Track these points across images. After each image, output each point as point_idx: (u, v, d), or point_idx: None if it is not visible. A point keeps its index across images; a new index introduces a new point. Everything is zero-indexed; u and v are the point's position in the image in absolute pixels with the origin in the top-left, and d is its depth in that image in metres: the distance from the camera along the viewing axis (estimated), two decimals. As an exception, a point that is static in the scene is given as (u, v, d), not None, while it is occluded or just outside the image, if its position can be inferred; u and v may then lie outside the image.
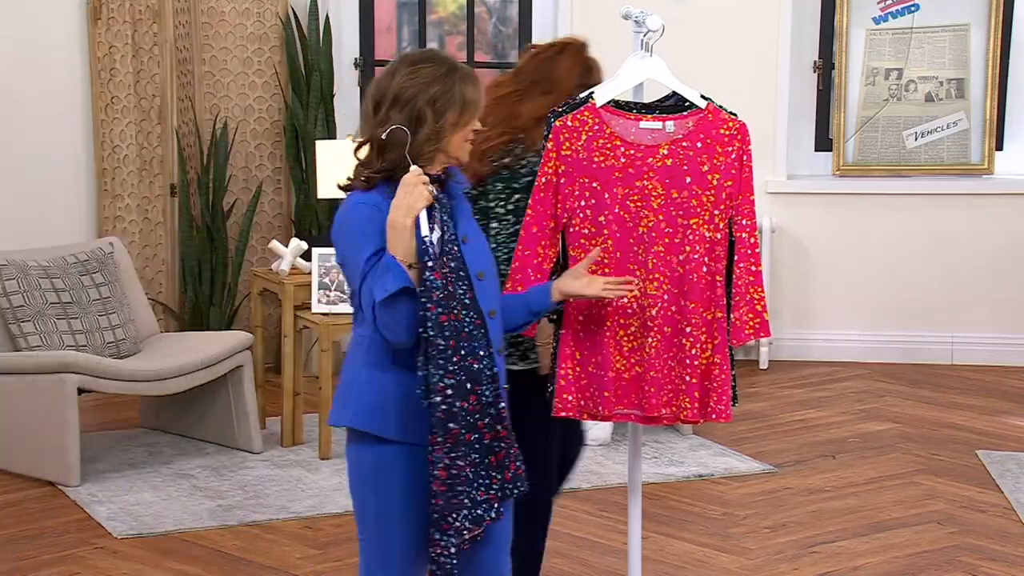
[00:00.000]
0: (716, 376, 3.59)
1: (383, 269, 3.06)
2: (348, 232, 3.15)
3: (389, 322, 3.08)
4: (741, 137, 3.60)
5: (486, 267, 3.25)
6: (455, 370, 3.10)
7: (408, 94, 3.12)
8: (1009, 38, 7.36)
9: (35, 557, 4.92)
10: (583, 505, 5.45)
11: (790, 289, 7.35)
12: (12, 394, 5.69)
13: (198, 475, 5.75)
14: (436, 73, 3.14)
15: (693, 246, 3.57)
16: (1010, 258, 7.35)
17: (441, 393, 3.07)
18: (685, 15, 7.04)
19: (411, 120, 3.12)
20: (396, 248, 3.06)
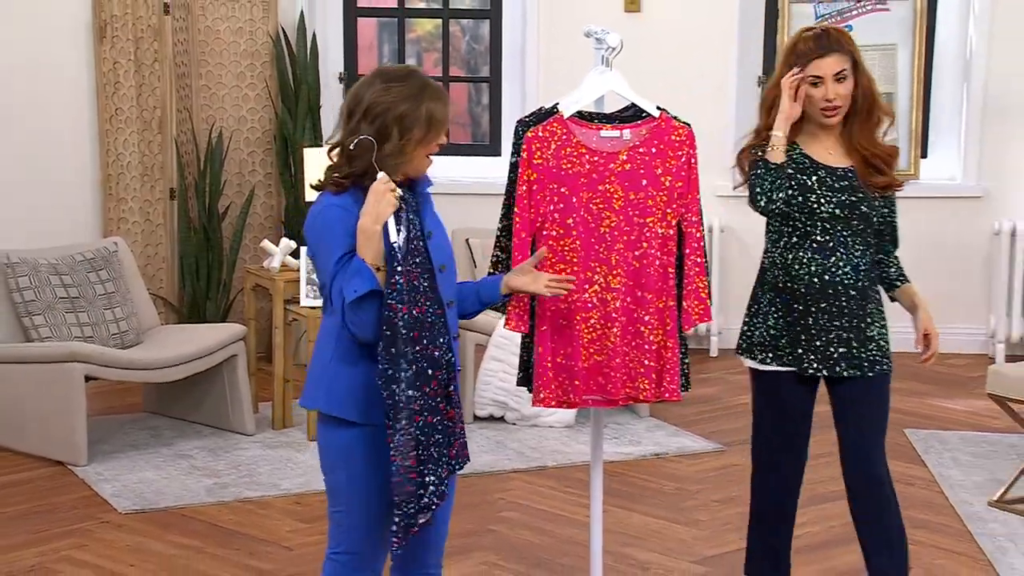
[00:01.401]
0: (668, 359, 3.61)
1: (353, 271, 3.05)
2: (319, 231, 3.13)
3: (357, 320, 3.07)
4: (689, 142, 3.62)
5: (447, 260, 3.24)
6: (418, 358, 3.10)
7: (378, 109, 3.09)
8: (932, 58, 7.40)
9: (46, 530, 4.90)
10: (549, 481, 5.44)
11: (737, 284, 7.35)
12: (24, 381, 5.68)
13: (196, 455, 5.73)
14: (406, 93, 3.11)
15: (649, 242, 3.58)
16: (935, 255, 7.37)
17: (405, 382, 3.06)
18: (642, 34, 7.06)
19: (378, 133, 3.10)
20: (365, 252, 3.05)
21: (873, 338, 3.68)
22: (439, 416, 3.15)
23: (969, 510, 5.14)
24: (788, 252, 3.69)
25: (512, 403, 6.09)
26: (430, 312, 3.13)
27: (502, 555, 4.69)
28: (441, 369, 3.14)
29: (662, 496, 5.30)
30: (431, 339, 3.13)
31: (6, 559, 4.63)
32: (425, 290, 3.12)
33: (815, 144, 3.70)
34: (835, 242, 3.65)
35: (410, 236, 3.11)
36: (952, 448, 5.88)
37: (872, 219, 3.67)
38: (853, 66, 3.62)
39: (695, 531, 4.93)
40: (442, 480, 3.17)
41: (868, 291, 3.68)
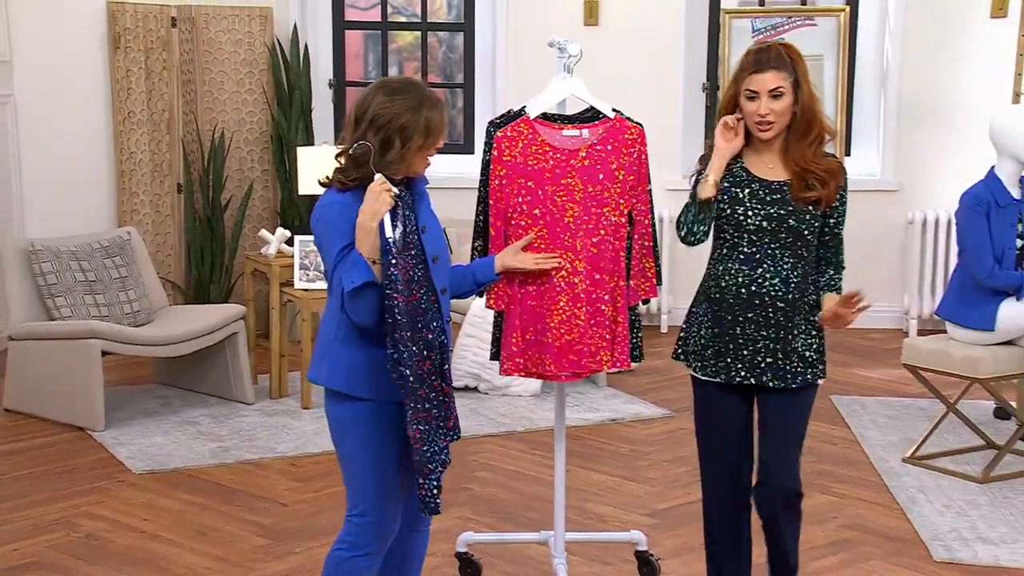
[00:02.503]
0: (619, 332, 3.63)
1: (351, 263, 3.03)
2: (324, 225, 3.11)
3: (354, 308, 3.05)
4: (641, 140, 3.61)
5: (440, 251, 3.21)
6: (416, 340, 3.09)
7: (382, 120, 3.06)
8: (854, 67, 7.41)
9: (68, 488, 4.88)
10: (517, 445, 5.43)
11: (684, 268, 7.37)
12: (47, 356, 5.64)
13: (201, 422, 5.69)
14: (408, 104, 3.08)
15: (605, 229, 3.60)
16: (857, 242, 7.34)
17: (407, 365, 3.05)
18: (599, 45, 7.04)
19: (382, 141, 3.07)
20: (363, 246, 3.03)
21: (797, 350, 3.37)
22: (435, 392, 3.14)
23: (885, 466, 5.17)
24: (719, 264, 3.42)
25: (484, 375, 6.08)
26: (424, 299, 3.11)
27: (476, 510, 4.68)
28: (435, 350, 3.13)
29: (618, 457, 5.29)
30: (425, 323, 3.11)
31: (33, 513, 4.62)
32: (419, 279, 3.11)
33: (756, 157, 3.40)
34: (762, 254, 3.35)
35: (406, 230, 3.09)
36: (871, 411, 5.90)
37: (803, 233, 3.35)
38: (795, 83, 3.31)
39: (647, 487, 4.92)
40: (443, 448, 3.17)
41: (798, 303, 3.37)
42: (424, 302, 3.11)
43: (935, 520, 4.61)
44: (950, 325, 5.20)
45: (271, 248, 6.10)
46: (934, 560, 4.28)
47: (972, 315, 5.07)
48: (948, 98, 7.30)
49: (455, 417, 3.22)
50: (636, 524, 4.51)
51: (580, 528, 4.45)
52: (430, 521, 3.40)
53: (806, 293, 3.39)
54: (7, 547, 4.32)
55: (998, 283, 4.99)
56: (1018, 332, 5.02)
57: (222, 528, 4.51)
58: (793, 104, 3.31)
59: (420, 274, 3.11)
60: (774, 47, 3.36)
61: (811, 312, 3.41)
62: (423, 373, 3.09)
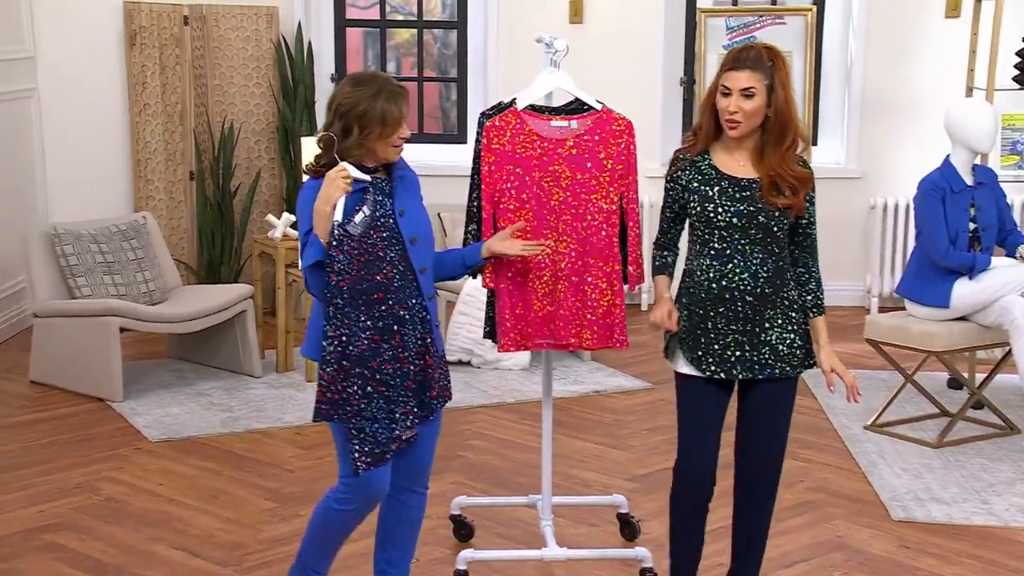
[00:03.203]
0: (616, 314, 3.59)
1: (309, 244, 3.07)
2: (297, 208, 3.16)
3: (311, 283, 3.10)
4: (629, 132, 3.57)
5: (420, 233, 3.19)
6: (383, 316, 3.09)
7: (343, 109, 3.09)
8: (820, 63, 7.39)
9: (89, 455, 4.87)
10: (508, 415, 5.42)
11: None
12: (70, 332, 5.61)
13: (213, 394, 5.67)
14: (366, 95, 3.08)
15: (593, 215, 3.55)
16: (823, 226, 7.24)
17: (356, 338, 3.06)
18: (584, 41, 7.01)
19: (343, 130, 3.09)
20: (318, 229, 3.06)
21: (769, 342, 3.24)
22: (400, 364, 3.12)
23: (848, 433, 5.18)
24: (693, 259, 3.29)
25: (477, 350, 6.07)
26: (397, 277, 3.11)
27: (470, 476, 4.67)
28: (407, 325, 3.11)
29: (601, 426, 5.28)
30: (398, 301, 3.11)
31: (57, 478, 4.61)
32: (392, 259, 3.10)
33: (726, 155, 3.26)
34: (732, 250, 3.21)
35: (376, 214, 3.08)
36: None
37: (773, 229, 3.21)
38: (769, 86, 3.15)
39: (628, 454, 4.92)
40: (408, 416, 3.14)
41: (768, 297, 3.24)
42: (397, 280, 3.11)
43: (893, 482, 4.62)
44: (908, 302, 5.20)
45: (277, 232, 6.07)
46: (892, 519, 4.30)
47: (929, 293, 5.07)
48: (907, 92, 7.30)
49: (439, 388, 3.20)
50: (618, 488, 4.51)
51: (566, 492, 4.44)
52: (428, 483, 3.39)
53: (779, 288, 3.26)
54: (34, 508, 4.32)
55: (952, 263, 4.99)
56: (970, 308, 5.02)
57: (233, 492, 4.49)
58: (766, 106, 3.17)
59: (394, 254, 3.11)
60: (757, 48, 3.21)
61: (789, 308, 3.28)
62: (393, 346, 3.09)
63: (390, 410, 3.13)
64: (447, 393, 3.26)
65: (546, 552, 3.74)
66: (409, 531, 3.41)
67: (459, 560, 3.71)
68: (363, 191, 3.10)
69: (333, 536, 3.33)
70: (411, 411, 3.16)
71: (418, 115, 7.52)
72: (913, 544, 4.11)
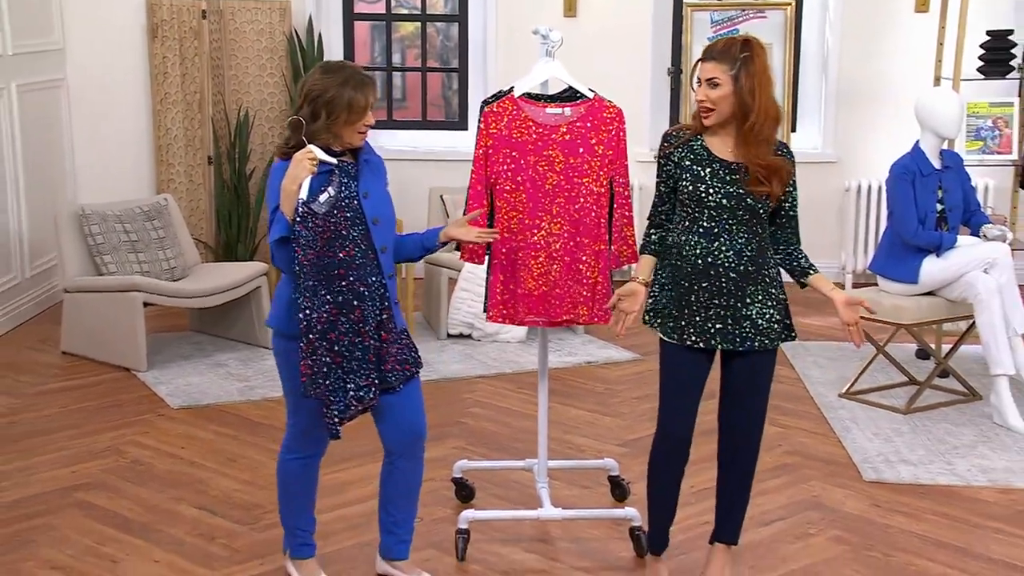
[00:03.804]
0: (600, 291, 3.57)
1: (276, 220, 3.08)
2: (267, 187, 3.17)
3: (277, 257, 3.10)
4: (619, 119, 3.54)
5: (382, 215, 3.18)
6: (343, 290, 3.09)
7: (313, 95, 3.08)
8: (799, 54, 7.36)
9: (116, 420, 4.87)
10: (506, 385, 5.41)
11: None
12: (97, 306, 5.60)
13: (230, 364, 5.66)
14: (334, 82, 3.07)
15: (585, 198, 3.52)
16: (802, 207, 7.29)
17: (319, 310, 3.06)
18: (577, 33, 6.99)
19: (312, 114, 3.08)
20: (285, 207, 3.05)
21: (750, 316, 3.22)
22: (360, 337, 3.12)
23: (824, 400, 5.17)
24: (681, 235, 3.25)
25: (477, 324, 6.05)
26: (358, 255, 3.10)
27: (470, 441, 4.67)
28: (366, 301, 3.11)
29: (593, 395, 5.28)
30: (359, 277, 3.11)
31: (86, 441, 4.62)
32: (355, 238, 3.10)
33: (717, 139, 3.22)
34: (719, 228, 3.19)
35: (340, 195, 3.08)
36: (813, 354, 5.90)
37: (759, 210, 3.19)
38: (735, 76, 3.10)
39: (618, 421, 4.92)
40: (362, 387, 3.14)
41: (751, 275, 3.22)
42: (359, 258, 3.10)
43: (865, 446, 4.63)
44: (880, 278, 5.19)
45: (291, 212, 6.05)
46: (864, 480, 4.30)
47: (899, 269, 5.07)
48: (879, 82, 7.27)
49: (393, 362, 3.19)
50: (609, 453, 4.51)
51: (561, 456, 4.44)
52: (423, 449, 3.38)
53: (761, 266, 3.24)
54: (66, 469, 4.34)
55: (921, 242, 4.98)
56: (937, 284, 5.02)
57: (249, 456, 4.49)
58: (732, 95, 3.13)
59: (356, 233, 3.10)
60: (728, 41, 3.16)
61: (769, 284, 3.27)
62: (352, 321, 3.10)
63: (344, 380, 3.13)
64: (408, 367, 3.23)
65: (542, 512, 3.74)
66: (409, 495, 3.41)
67: (461, 519, 3.72)
68: (329, 173, 3.10)
69: (294, 489, 3.37)
70: (372, 383, 3.17)
71: (422, 103, 7.48)
72: (883, 503, 4.12)
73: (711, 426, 3.41)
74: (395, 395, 3.24)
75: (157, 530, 3.85)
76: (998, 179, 7.07)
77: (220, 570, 3.59)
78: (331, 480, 4.20)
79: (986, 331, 4.88)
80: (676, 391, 3.29)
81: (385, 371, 3.19)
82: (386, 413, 3.26)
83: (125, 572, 3.58)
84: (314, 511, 3.46)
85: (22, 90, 6.32)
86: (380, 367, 3.18)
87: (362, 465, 4.33)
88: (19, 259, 6.30)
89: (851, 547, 3.79)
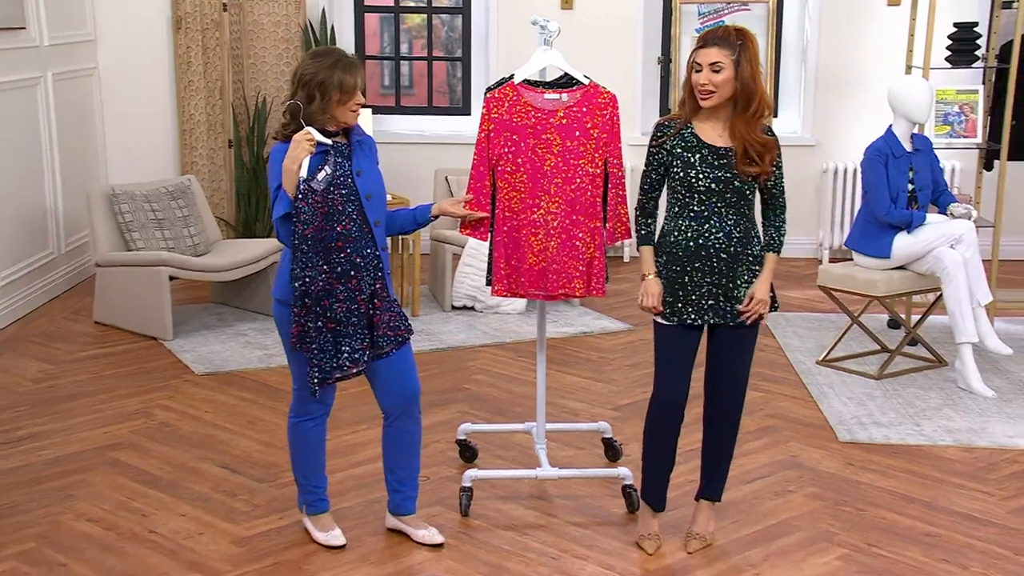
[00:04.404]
0: (596, 266, 3.53)
1: (279, 199, 3.08)
2: (268, 168, 3.17)
3: (281, 232, 3.11)
4: (613, 104, 3.51)
5: (374, 191, 3.18)
6: (341, 261, 3.10)
7: (305, 79, 3.07)
8: (780, 44, 7.31)
9: (145, 385, 4.86)
10: (508, 354, 5.40)
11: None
12: (127, 280, 5.58)
13: (250, 333, 5.64)
14: (323, 65, 3.07)
15: (581, 179, 3.49)
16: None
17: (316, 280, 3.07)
18: (573, 24, 6.94)
19: (307, 97, 3.08)
20: (286, 185, 3.06)
21: (741, 298, 3.21)
22: (356, 305, 3.14)
23: (803, 367, 5.16)
24: (671, 220, 3.23)
25: (480, 296, 6.03)
26: (354, 229, 3.11)
27: (473, 406, 4.66)
28: (362, 271, 3.13)
29: (588, 362, 5.27)
30: (355, 249, 3.12)
31: (118, 404, 4.62)
32: (350, 213, 3.11)
33: (706, 125, 3.19)
34: (709, 212, 3.16)
35: (336, 173, 3.08)
36: (792, 324, 5.88)
37: (746, 193, 3.17)
38: (736, 61, 3.08)
39: (611, 387, 4.91)
40: (357, 350, 3.16)
41: (740, 255, 3.20)
42: (355, 231, 3.12)
43: (840, 409, 4.62)
44: (855, 254, 5.17)
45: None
46: (839, 441, 4.30)
47: (872, 245, 5.05)
48: (855, 70, 7.23)
49: (384, 328, 3.20)
50: (603, 416, 4.50)
51: (558, 420, 4.43)
52: (419, 410, 3.38)
53: (748, 246, 3.22)
54: (99, 431, 4.33)
55: (893, 219, 4.96)
56: (908, 259, 5.00)
57: (268, 419, 4.49)
58: (734, 79, 3.10)
59: (352, 208, 3.11)
60: (725, 28, 3.14)
61: (754, 263, 3.25)
62: (349, 289, 3.11)
63: (337, 343, 3.15)
64: (399, 332, 3.24)
65: (540, 471, 3.73)
66: (411, 453, 3.41)
67: (464, 478, 3.71)
68: (325, 153, 3.10)
69: (303, 447, 3.37)
70: (366, 347, 3.19)
71: (428, 90, 7.43)
72: (857, 462, 4.11)
73: (697, 391, 3.40)
74: (388, 360, 3.25)
75: (183, 487, 3.85)
76: (964, 161, 7.04)
77: (242, 524, 3.59)
78: (342, 443, 4.20)
79: (952, 302, 4.87)
80: (672, 363, 3.29)
81: (378, 336, 3.21)
82: (381, 377, 3.27)
83: (154, 525, 3.58)
84: (325, 469, 3.45)
85: (57, 78, 6.29)
86: (373, 332, 3.20)
87: (370, 429, 4.33)
88: (55, 236, 6.29)
89: (827, 502, 3.79)
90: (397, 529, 3.50)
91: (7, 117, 5.77)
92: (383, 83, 7.84)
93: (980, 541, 3.52)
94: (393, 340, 3.23)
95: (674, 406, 3.31)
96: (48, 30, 6.20)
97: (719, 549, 3.46)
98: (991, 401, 4.73)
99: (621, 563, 3.37)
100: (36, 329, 5.68)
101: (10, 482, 3.88)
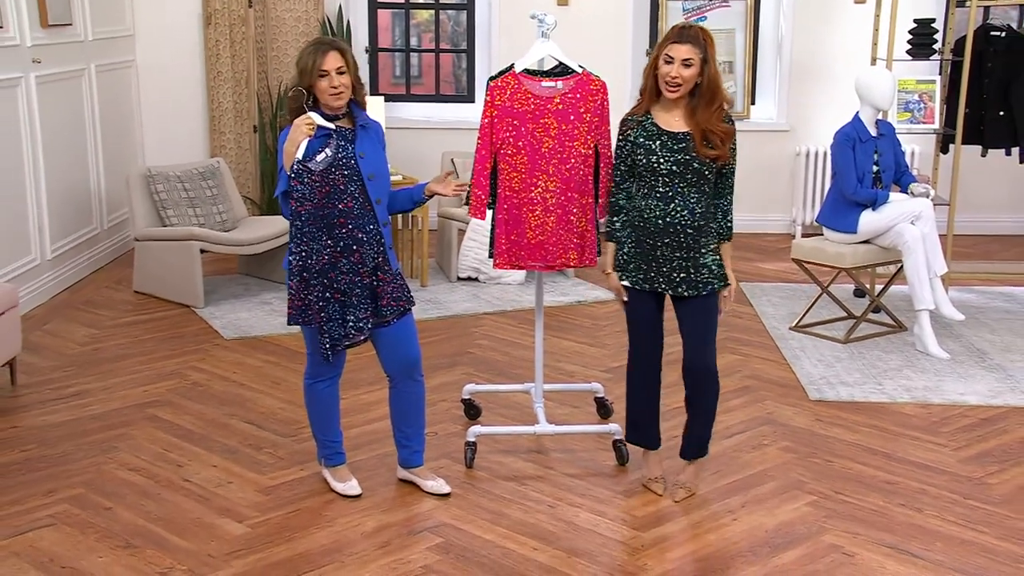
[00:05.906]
0: (588, 238, 3.51)
1: (281, 177, 3.05)
2: (278, 149, 3.13)
3: (283, 209, 3.10)
4: (603, 90, 3.47)
5: (376, 171, 3.15)
6: (343, 236, 3.08)
7: (299, 67, 3.08)
8: (758, 37, 7.23)
9: (179, 349, 4.84)
10: (509, 321, 5.37)
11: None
12: (162, 253, 5.54)
13: (274, 303, 5.60)
14: (306, 51, 3.07)
15: (575, 159, 3.46)
16: (760, 169, 7.27)
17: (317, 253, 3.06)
18: (569, 18, 6.86)
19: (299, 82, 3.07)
20: (287, 165, 3.04)
21: (707, 265, 3.23)
22: (359, 277, 3.11)
23: (777, 333, 5.13)
24: (641, 200, 3.23)
25: (484, 269, 6.00)
26: (356, 207, 3.08)
27: (477, 368, 4.64)
28: (364, 246, 3.10)
29: (582, 329, 5.24)
30: (357, 225, 3.09)
31: (155, 366, 4.60)
32: (352, 191, 3.08)
33: (665, 113, 3.21)
34: (673, 192, 3.17)
35: (339, 155, 3.05)
36: (768, 293, 5.85)
37: (705, 173, 3.17)
38: (703, 59, 3.12)
39: (604, 351, 4.88)
40: (361, 319, 3.13)
41: (703, 229, 3.21)
42: (357, 209, 3.09)
43: (811, 371, 4.60)
44: (825, 229, 5.13)
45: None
46: (810, 399, 4.28)
47: (841, 221, 5.01)
48: (825, 62, 7.15)
49: (388, 298, 3.17)
50: (596, 377, 4.48)
51: (554, 381, 4.41)
52: (421, 372, 3.36)
53: (709, 220, 3.24)
54: (139, 389, 4.33)
55: (860, 198, 4.92)
56: (872, 234, 4.97)
57: (290, 380, 4.46)
58: (699, 75, 3.13)
59: (354, 188, 3.08)
60: (695, 28, 3.17)
61: (715, 235, 3.27)
62: (352, 263, 3.09)
63: (343, 313, 3.13)
64: (402, 303, 3.22)
65: (538, 428, 3.72)
66: (416, 411, 3.39)
67: (469, 434, 3.69)
68: (327, 136, 3.06)
69: (318, 407, 3.34)
70: (369, 315, 3.16)
71: (435, 80, 7.36)
72: (825, 418, 4.09)
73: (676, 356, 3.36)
74: (390, 327, 3.23)
75: (214, 440, 3.84)
76: (923, 145, 6.99)
77: (267, 474, 3.58)
78: (358, 401, 4.18)
79: (911, 273, 4.84)
80: (643, 325, 3.32)
81: (381, 306, 3.18)
82: (384, 344, 3.25)
83: (188, 474, 3.57)
84: (340, 425, 3.43)
85: (99, 70, 6.24)
86: (377, 303, 3.18)
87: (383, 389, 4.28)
88: (98, 213, 6.26)
89: (798, 455, 3.77)
90: (407, 480, 3.49)
91: (56, 106, 5.72)
92: (395, 73, 7.77)
93: (933, 487, 3.52)
94: (395, 310, 3.21)
95: (648, 357, 3.33)
96: (92, 26, 6.15)
97: (701, 498, 3.45)
98: (945, 362, 4.71)
99: (612, 510, 3.36)
100: (82, 297, 5.66)
101: (61, 434, 3.88)
